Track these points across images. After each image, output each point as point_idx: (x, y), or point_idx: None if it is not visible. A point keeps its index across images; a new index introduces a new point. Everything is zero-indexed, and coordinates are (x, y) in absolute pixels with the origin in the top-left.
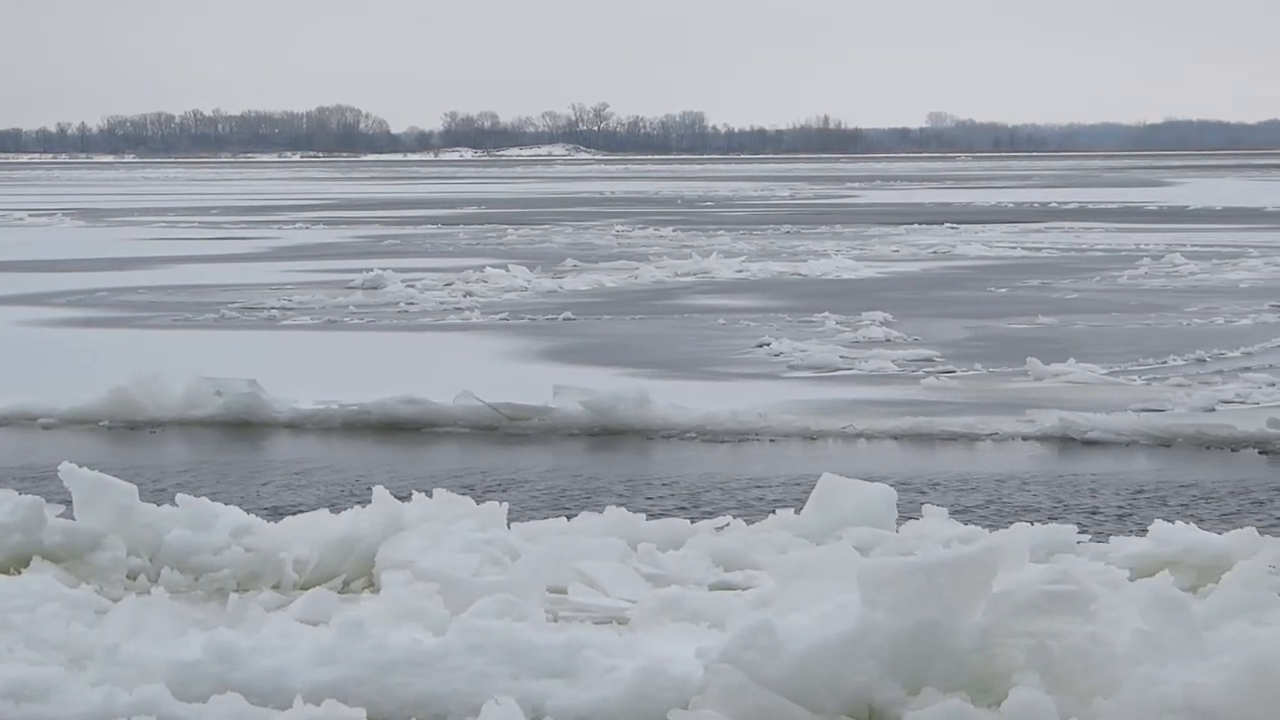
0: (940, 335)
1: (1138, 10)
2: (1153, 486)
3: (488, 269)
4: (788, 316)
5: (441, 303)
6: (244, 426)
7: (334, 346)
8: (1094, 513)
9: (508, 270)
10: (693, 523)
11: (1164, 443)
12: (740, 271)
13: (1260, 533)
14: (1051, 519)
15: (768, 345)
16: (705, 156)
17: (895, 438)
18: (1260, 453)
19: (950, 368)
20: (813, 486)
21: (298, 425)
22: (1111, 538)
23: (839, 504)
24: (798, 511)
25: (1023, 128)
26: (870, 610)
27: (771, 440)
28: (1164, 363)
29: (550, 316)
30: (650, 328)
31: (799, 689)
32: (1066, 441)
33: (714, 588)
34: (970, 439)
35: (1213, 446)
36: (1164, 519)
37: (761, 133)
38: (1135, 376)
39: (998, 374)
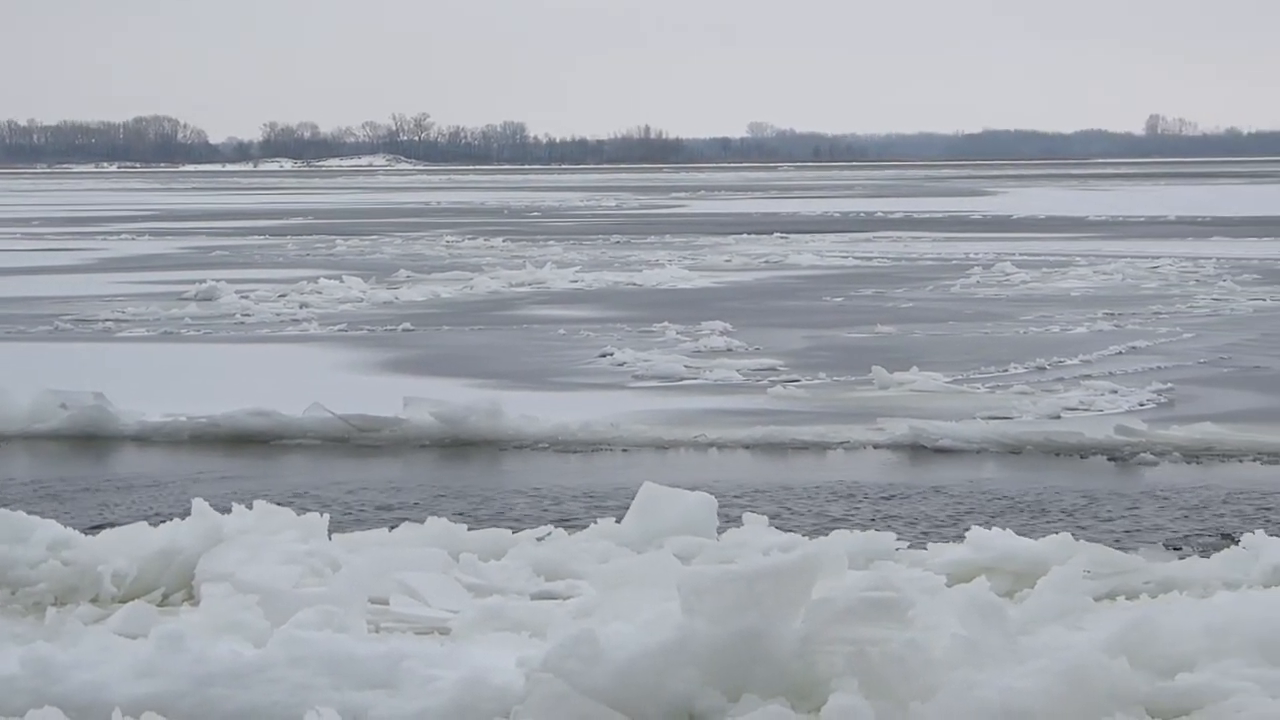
0: (781, 345)
1: (954, 20)
2: (1005, 493)
3: (322, 280)
4: (627, 326)
5: (278, 314)
6: (90, 440)
7: (175, 358)
8: (956, 520)
9: (342, 281)
10: (514, 533)
11: (1014, 450)
12: (575, 282)
13: (1115, 539)
14: (911, 524)
15: (611, 355)
16: (527, 167)
17: (748, 447)
18: (1109, 459)
19: (795, 377)
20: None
21: (145, 438)
22: (929, 544)
23: (660, 513)
24: (619, 520)
25: (843, 137)
26: (690, 618)
27: (624, 450)
28: (1005, 371)
29: (389, 327)
30: (491, 338)
31: (620, 697)
32: (918, 449)
33: (535, 597)
34: (822, 448)
35: (1062, 454)
36: (1018, 525)
37: (583, 143)
38: (979, 385)
39: (843, 383)
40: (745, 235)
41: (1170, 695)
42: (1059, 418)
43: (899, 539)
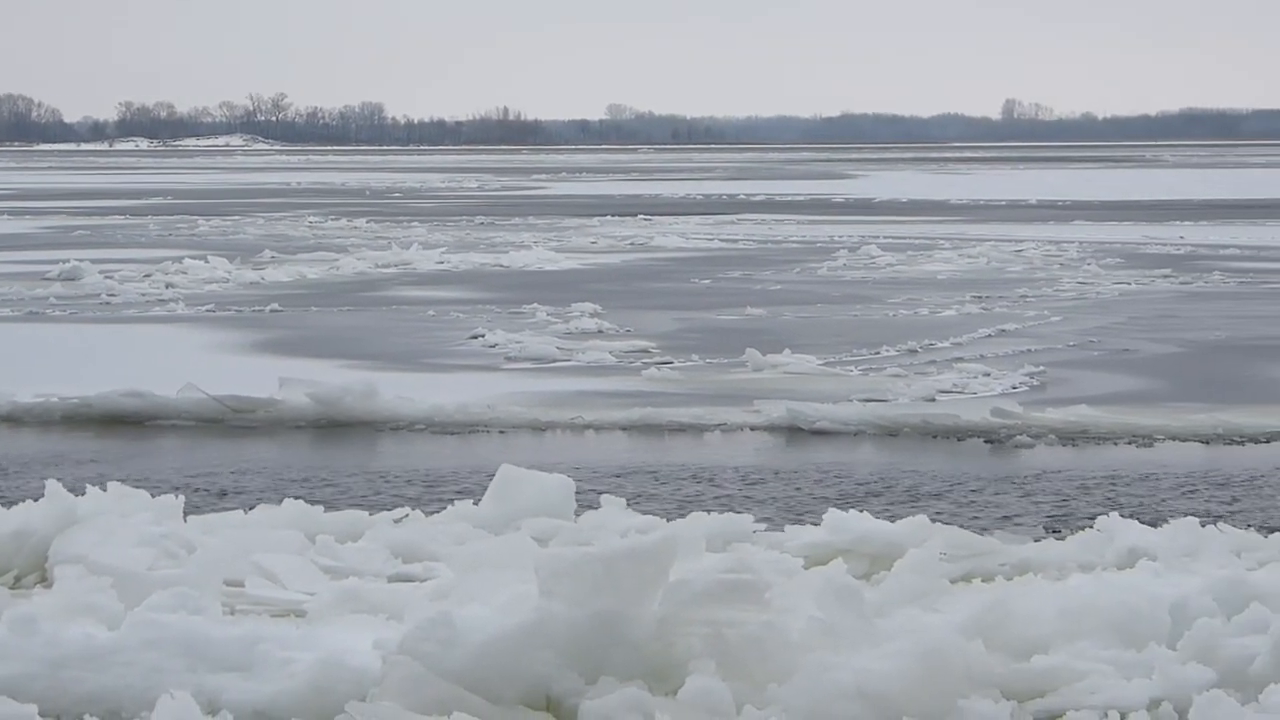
0: (652, 327)
1: (813, 4)
2: (882, 475)
3: (187, 260)
4: (497, 308)
5: (143, 294)
6: None
7: (42, 339)
8: (831, 502)
9: (207, 262)
10: (371, 514)
11: (891, 432)
12: (441, 263)
13: (994, 521)
14: (782, 510)
15: (482, 337)
16: (385, 148)
17: (624, 429)
18: (986, 442)
19: (668, 359)
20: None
21: (16, 419)
22: (787, 526)
23: (518, 495)
24: (477, 502)
25: (701, 120)
26: (548, 600)
27: (501, 432)
28: (877, 353)
29: (257, 308)
30: (361, 319)
31: (477, 680)
32: (794, 431)
33: (392, 579)
34: (699, 429)
35: (939, 436)
36: (895, 507)
37: (441, 124)
38: (852, 367)
39: (716, 365)
40: (609, 217)
41: (1025, 677)
42: (934, 400)
43: (777, 521)
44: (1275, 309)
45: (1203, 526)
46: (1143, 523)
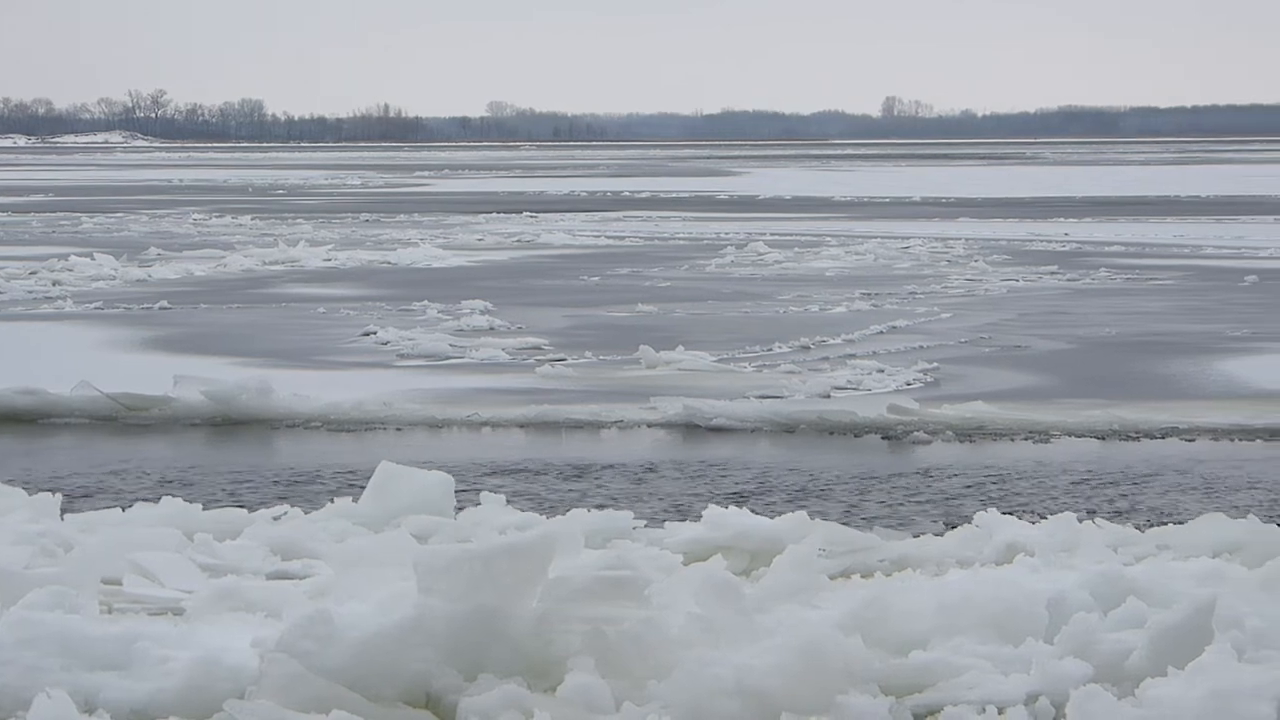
0: (544, 324)
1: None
2: (779, 471)
3: (72, 258)
4: (387, 305)
5: (30, 291)
6: None
7: None
8: (733, 497)
9: (93, 259)
10: (250, 512)
11: (788, 429)
12: (329, 260)
13: (893, 518)
14: (676, 506)
15: (374, 334)
16: (266, 144)
17: (522, 426)
18: (883, 438)
19: (562, 356)
20: (459, 473)
21: None
22: (667, 523)
23: (397, 492)
24: (356, 500)
25: (582, 117)
26: (427, 597)
27: (398, 429)
28: (770, 350)
29: (146, 305)
30: (252, 317)
31: (356, 677)
32: (692, 428)
33: (271, 577)
34: (596, 426)
35: (836, 433)
36: (794, 504)
37: (322, 121)
38: (745, 364)
39: (610, 362)
40: (495, 214)
41: (904, 672)
42: (829, 397)
43: (674, 518)
44: (1162, 305)
45: (1080, 522)
46: (1042, 519)
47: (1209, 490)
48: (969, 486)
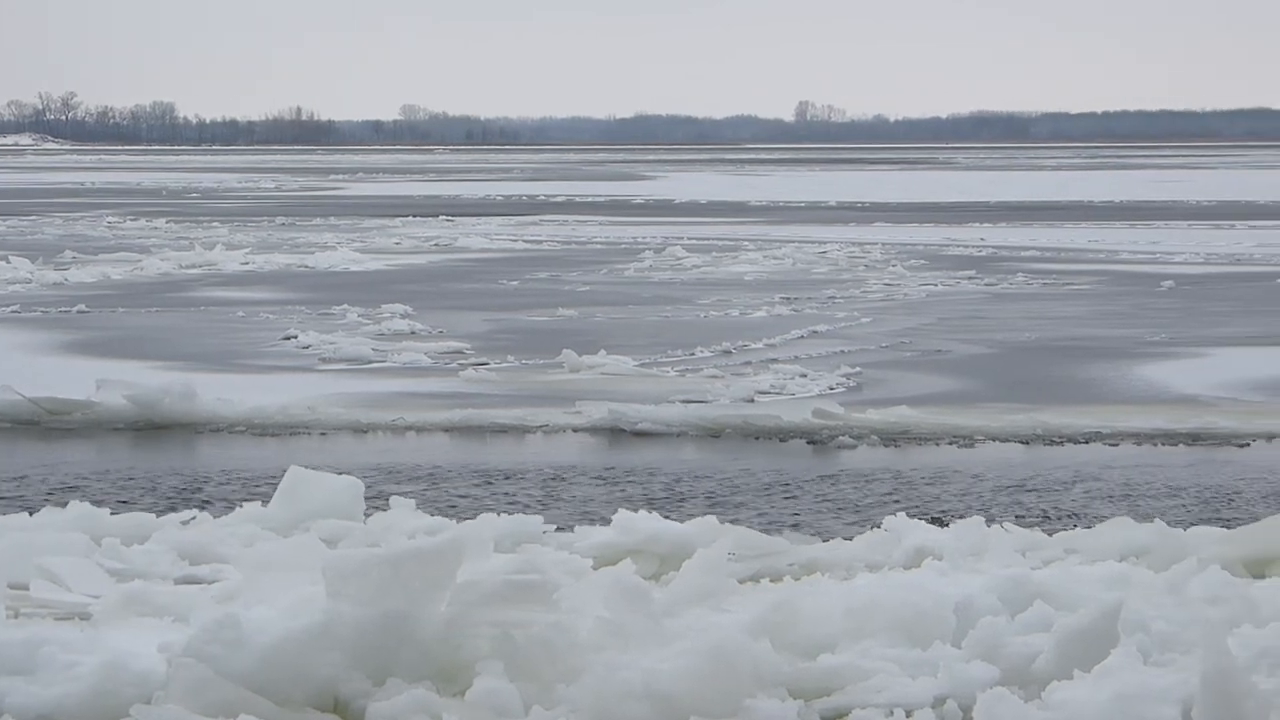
0: (465, 328)
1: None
2: (705, 475)
3: None
4: (306, 309)
5: None
6: None
7: None
8: (661, 501)
9: (9, 262)
10: (158, 516)
11: (713, 433)
12: (246, 264)
13: (819, 522)
14: (598, 510)
15: (295, 338)
16: (178, 147)
17: (446, 430)
18: (808, 442)
19: (484, 360)
20: (383, 478)
21: None
22: (577, 527)
23: (307, 496)
24: (265, 504)
25: (495, 121)
26: (335, 602)
27: (323, 433)
28: (692, 354)
29: (64, 309)
30: (171, 320)
31: (264, 682)
32: (617, 433)
33: (179, 582)
34: (522, 431)
35: (761, 437)
36: (716, 509)
37: (233, 124)
38: (668, 368)
39: (533, 366)
40: (411, 218)
41: (812, 676)
42: (753, 401)
43: (595, 523)
44: (1080, 310)
45: (989, 526)
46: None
47: (1131, 495)
48: (894, 491)
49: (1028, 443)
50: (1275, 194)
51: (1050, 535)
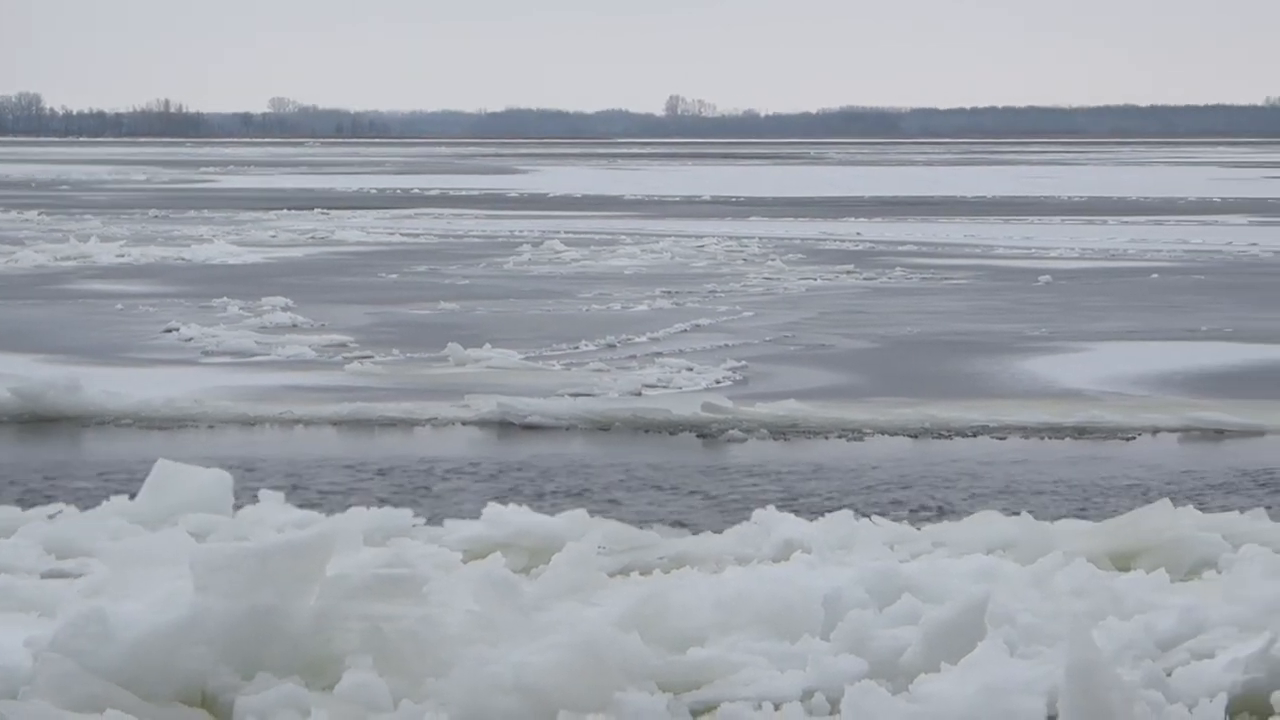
0: (347, 321)
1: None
2: (594, 469)
3: None
4: (186, 302)
5: None
6: None
7: None
8: (541, 496)
9: None
10: (25, 510)
11: (603, 427)
12: (122, 256)
13: (714, 513)
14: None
15: (177, 331)
16: (44, 139)
17: (335, 423)
18: (698, 436)
19: (368, 353)
20: (269, 471)
21: None
22: (446, 521)
23: (175, 490)
24: (133, 497)
25: (365, 114)
26: (203, 596)
27: (210, 427)
28: (577, 348)
29: None
30: (49, 313)
31: (131, 676)
32: (506, 426)
33: (46, 576)
34: (411, 424)
35: (651, 430)
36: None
37: (101, 115)
38: (553, 361)
39: (418, 359)
40: (286, 211)
41: (681, 669)
42: (640, 395)
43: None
44: (960, 305)
45: (858, 519)
46: (862, 516)
47: (1018, 490)
48: (782, 484)
49: (916, 436)
50: (1144, 190)
51: (919, 529)
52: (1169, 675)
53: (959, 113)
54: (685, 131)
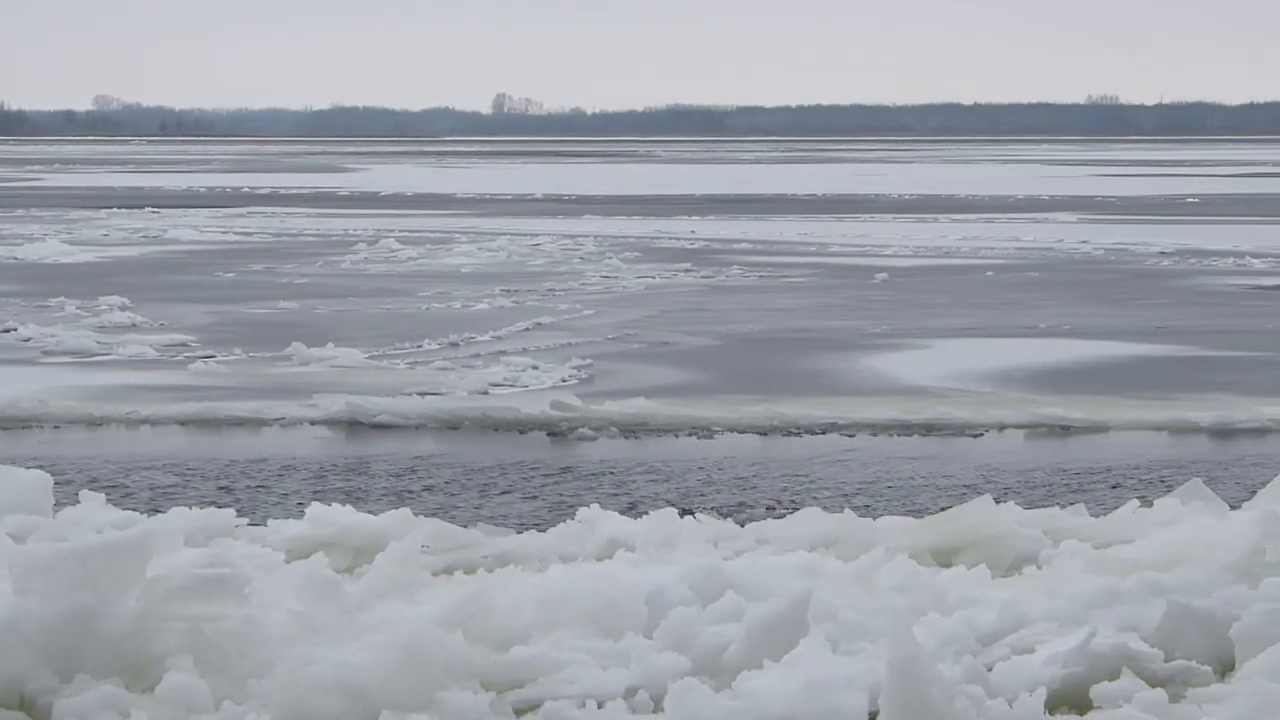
0: (186, 320)
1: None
2: (445, 468)
3: None
4: (21, 301)
5: None
6: None
7: None
8: (384, 495)
9: None
10: None
11: (452, 426)
12: None
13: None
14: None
15: (14, 330)
16: None
17: (182, 423)
18: (548, 435)
19: (210, 353)
20: (118, 471)
21: None
22: (270, 520)
23: None
24: None
25: (190, 112)
26: (22, 598)
27: (55, 427)
28: (420, 346)
29: None
30: None
31: None
32: (355, 425)
33: None
34: (259, 423)
35: (500, 429)
36: (460, 500)
37: None
38: (398, 360)
39: (262, 359)
40: (117, 210)
41: (504, 668)
42: (487, 393)
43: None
44: (800, 302)
45: (682, 517)
46: (721, 515)
47: (870, 488)
48: (631, 482)
49: (766, 434)
50: (973, 188)
51: (744, 526)
52: (989, 670)
53: (784, 111)
54: (512, 129)
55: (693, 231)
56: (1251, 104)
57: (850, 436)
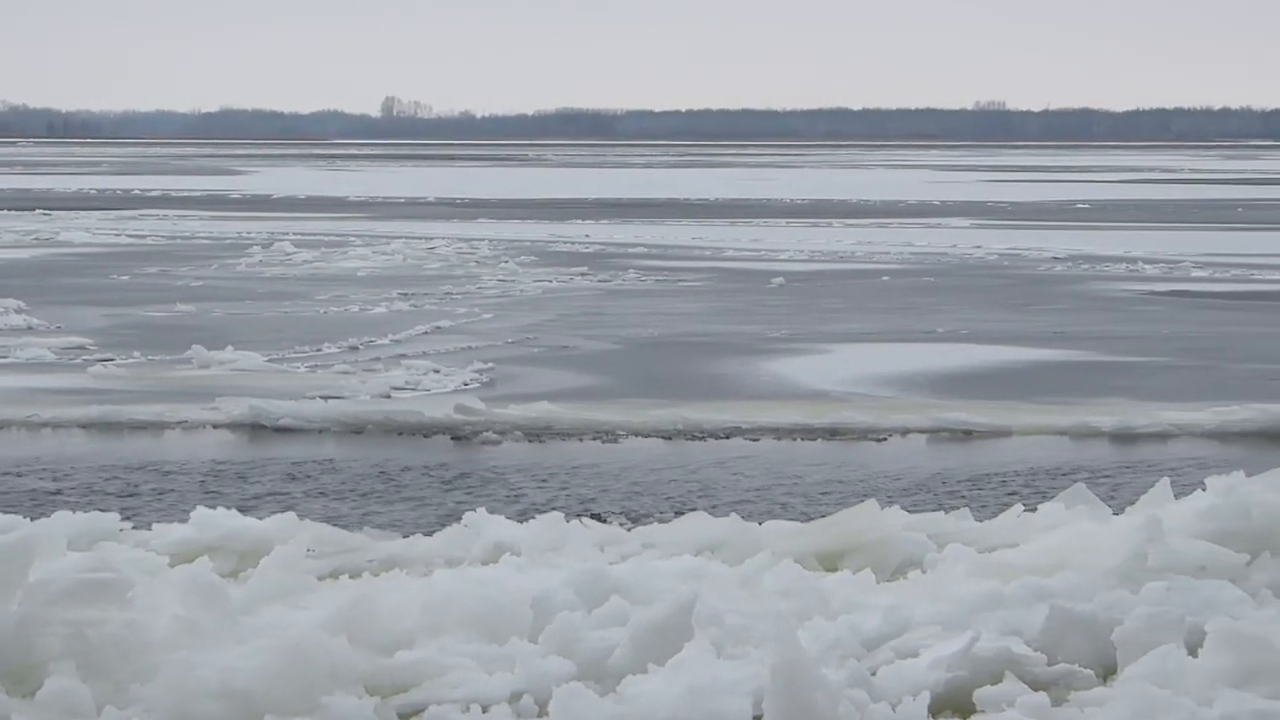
0: (83, 323)
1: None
2: (348, 472)
3: None
4: None
5: None
6: None
7: None
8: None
9: None
10: None
11: (355, 429)
12: None
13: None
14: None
15: None
16: None
17: (84, 426)
18: (452, 438)
19: (109, 356)
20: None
21: None
22: (155, 525)
23: None
24: None
25: (77, 113)
26: None
27: None
28: (320, 350)
29: None
30: None
31: None
32: (258, 429)
33: None
34: (161, 427)
35: (404, 432)
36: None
37: None
38: (298, 364)
39: (161, 362)
40: (6, 211)
41: (389, 672)
42: (389, 397)
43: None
44: (697, 307)
45: (568, 521)
46: (630, 520)
47: (767, 489)
48: (532, 485)
49: (669, 437)
50: (865, 193)
51: (629, 530)
52: (874, 674)
53: (674, 115)
54: (402, 133)
55: (587, 235)
56: (1137, 110)
57: (754, 440)
